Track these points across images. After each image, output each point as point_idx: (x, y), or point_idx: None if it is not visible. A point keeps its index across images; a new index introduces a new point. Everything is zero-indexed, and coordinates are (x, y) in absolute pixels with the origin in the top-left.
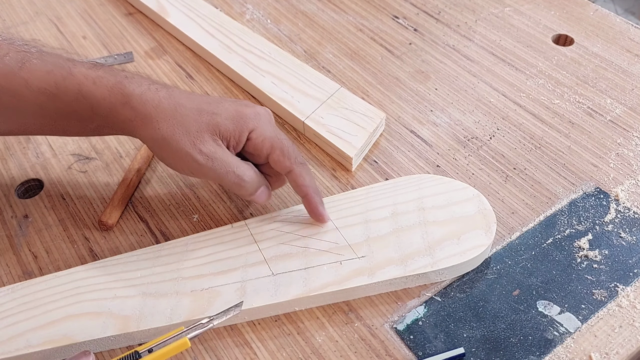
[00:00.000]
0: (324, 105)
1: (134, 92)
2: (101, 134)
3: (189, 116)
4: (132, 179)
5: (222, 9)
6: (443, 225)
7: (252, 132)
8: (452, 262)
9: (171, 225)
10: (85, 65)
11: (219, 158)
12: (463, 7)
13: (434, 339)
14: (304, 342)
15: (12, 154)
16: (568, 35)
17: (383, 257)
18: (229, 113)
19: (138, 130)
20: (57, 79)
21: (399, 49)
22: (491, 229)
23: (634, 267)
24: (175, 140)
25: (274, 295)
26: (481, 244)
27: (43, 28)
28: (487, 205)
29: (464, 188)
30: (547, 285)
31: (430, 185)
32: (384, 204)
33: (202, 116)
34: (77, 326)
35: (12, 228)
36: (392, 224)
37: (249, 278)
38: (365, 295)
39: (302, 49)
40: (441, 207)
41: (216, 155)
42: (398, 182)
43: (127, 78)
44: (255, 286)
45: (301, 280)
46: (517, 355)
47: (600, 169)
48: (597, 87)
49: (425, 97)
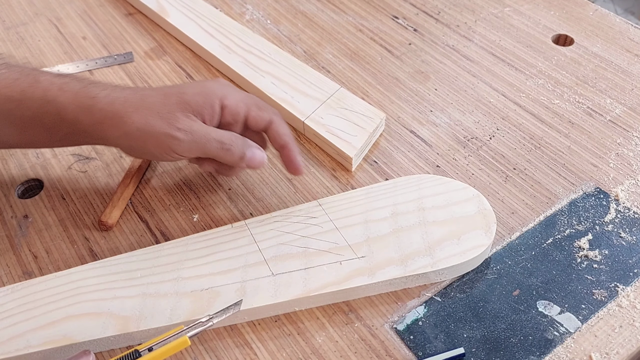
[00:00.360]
0: (323, 106)
1: (99, 94)
2: (70, 143)
3: (158, 102)
4: (132, 179)
5: (222, 10)
6: (443, 225)
7: (224, 100)
8: (452, 262)
9: (171, 225)
10: (51, 74)
11: (196, 130)
12: (463, 7)
13: (434, 339)
14: (304, 343)
15: (12, 154)
16: (568, 35)
17: (383, 257)
18: (196, 89)
19: (108, 131)
20: (23, 86)
21: (398, 49)
22: (491, 229)
23: (634, 267)
24: (150, 126)
25: (274, 296)
26: (481, 244)
27: (43, 29)
28: (487, 205)
29: (464, 188)
30: (547, 285)
31: (430, 186)
32: (383, 204)
33: (170, 98)
34: (77, 326)
35: (12, 228)
36: (392, 224)
37: (248, 278)
38: (365, 296)
39: (302, 49)
40: (441, 207)
41: (193, 128)
42: (398, 182)
43: (92, 83)
44: (255, 286)
45: (301, 280)
46: (517, 355)
47: (600, 169)
48: (597, 87)
49: (425, 97)
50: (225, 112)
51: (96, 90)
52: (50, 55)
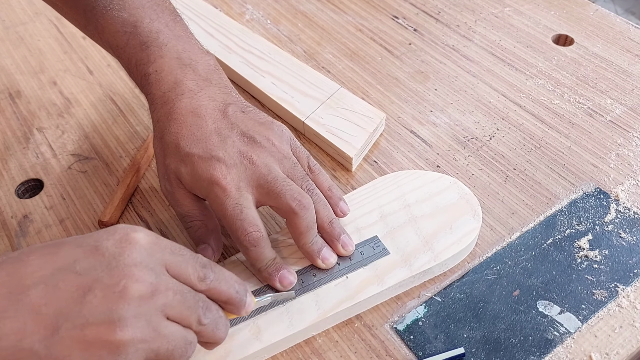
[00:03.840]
0: (323, 106)
1: (156, 93)
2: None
3: (165, 149)
4: (132, 178)
5: (222, 9)
6: (432, 217)
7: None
8: (451, 251)
9: (171, 226)
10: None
11: (175, 198)
12: (463, 7)
13: (434, 339)
14: (304, 342)
15: (12, 154)
16: (568, 36)
17: (386, 261)
18: (196, 170)
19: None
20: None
21: (398, 49)
22: (477, 212)
23: (634, 267)
24: (155, 154)
25: (290, 326)
26: (473, 228)
27: (42, 28)
28: (466, 190)
29: (439, 177)
30: (547, 286)
31: (408, 181)
32: (369, 208)
33: (169, 158)
34: None
35: (12, 228)
36: (383, 226)
37: (259, 315)
38: (376, 304)
39: (302, 49)
40: (424, 200)
41: (173, 194)
42: (377, 184)
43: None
44: (268, 321)
45: (313, 303)
46: (517, 355)
47: (600, 169)
48: (597, 87)
49: (425, 97)
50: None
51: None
52: (50, 55)
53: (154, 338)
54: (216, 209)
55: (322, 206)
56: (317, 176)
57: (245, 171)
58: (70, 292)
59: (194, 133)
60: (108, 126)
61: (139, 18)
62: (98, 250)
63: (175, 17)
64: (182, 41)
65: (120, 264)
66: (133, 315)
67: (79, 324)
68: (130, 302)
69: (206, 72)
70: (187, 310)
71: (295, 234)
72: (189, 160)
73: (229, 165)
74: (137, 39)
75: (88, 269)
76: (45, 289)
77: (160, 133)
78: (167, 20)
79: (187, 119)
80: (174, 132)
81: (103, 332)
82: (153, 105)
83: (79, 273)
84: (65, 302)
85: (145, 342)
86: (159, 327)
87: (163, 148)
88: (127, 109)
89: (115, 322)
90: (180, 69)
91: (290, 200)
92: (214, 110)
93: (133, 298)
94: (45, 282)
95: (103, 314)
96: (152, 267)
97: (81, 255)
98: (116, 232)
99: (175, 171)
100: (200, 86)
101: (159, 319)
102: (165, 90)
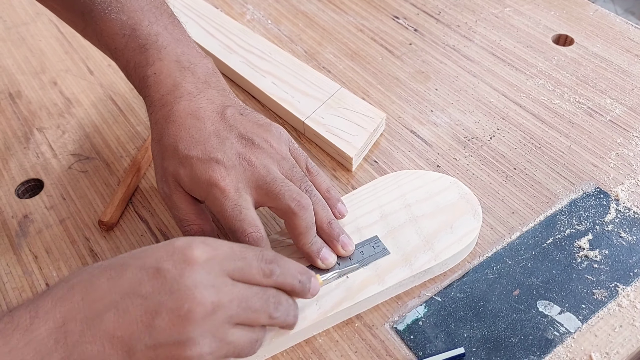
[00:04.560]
0: (324, 106)
1: (154, 95)
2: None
3: (164, 151)
4: (132, 179)
5: (223, 9)
6: (432, 217)
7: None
8: (452, 251)
9: (172, 226)
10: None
11: (172, 201)
12: (463, 7)
13: (434, 338)
14: (305, 342)
15: (12, 154)
16: (568, 36)
17: (386, 261)
18: (194, 172)
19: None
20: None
21: (399, 49)
22: (477, 211)
23: (634, 267)
24: (153, 157)
25: None
26: (473, 228)
27: (44, 28)
28: (466, 190)
29: (440, 177)
30: (547, 285)
31: (408, 181)
32: (370, 208)
33: (167, 161)
34: None
35: (12, 228)
36: (383, 226)
37: None
38: (376, 304)
39: (303, 49)
40: (425, 200)
41: (171, 197)
42: (377, 184)
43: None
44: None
45: (312, 303)
46: (518, 355)
47: (600, 169)
48: (597, 87)
49: (426, 97)
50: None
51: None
52: (51, 55)
53: (220, 348)
54: (215, 210)
55: (321, 207)
56: (316, 177)
57: (244, 173)
58: (140, 316)
59: (192, 135)
60: (109, 126)
61: (138, 21)
62: (160, 272)
63: (173, 20)
64: (181, 44)
65: (182, 287)
66: (199, 334)
67: (151, 345)
68: (195, 324)
69: (205, 75)
70: (253, 314)
71: (295, 234)
72: (188, 163)
73: (227, 167)
74: (135, 42)
75: (152, 293)
76: (117, 314)
77: (159, 135)
78: (165, 23)
79: (186, 122)
80: (173, 134)
81: (174, 352)
82: (151, 108)
83: (144, 297)
84: (136, 326)
85: (212, 354)
86: (225, 337)
87: (161, 150)
88: (128, 109)
89: (184, 342)
90: (179, 71)
91: (289, 201)
92: (212, 112)
93: (197, 320)
94: (116, 307)
95: (171, 336)
96: (212, 283)
97: (145, 279)
98: (175, 253)
99: (174, 173)
100: (199, 89)
101: (224, 330)
102: (164, 92)
